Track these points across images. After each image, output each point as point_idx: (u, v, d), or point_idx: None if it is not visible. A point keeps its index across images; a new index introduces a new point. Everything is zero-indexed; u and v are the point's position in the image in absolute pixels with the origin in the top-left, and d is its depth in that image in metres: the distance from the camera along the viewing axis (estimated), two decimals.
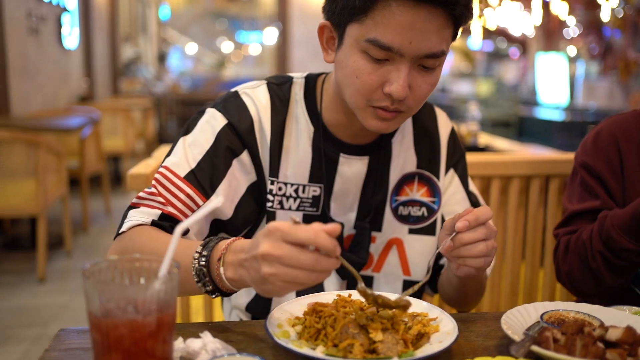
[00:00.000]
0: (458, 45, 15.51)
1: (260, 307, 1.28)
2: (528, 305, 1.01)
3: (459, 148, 1.39)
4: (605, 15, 8.63)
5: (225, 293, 0.96)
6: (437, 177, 1.33)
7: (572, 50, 14.90)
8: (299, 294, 1.15)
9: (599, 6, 8.51)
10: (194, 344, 0.88)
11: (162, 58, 13.53)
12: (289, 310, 1.01)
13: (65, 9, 6.76)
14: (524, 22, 10.58)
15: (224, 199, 1.17)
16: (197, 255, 0.94)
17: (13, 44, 5.25)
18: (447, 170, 1.35)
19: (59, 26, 6.62)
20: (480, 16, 9.56)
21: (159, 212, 1.11)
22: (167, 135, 9.45)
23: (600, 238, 1.28)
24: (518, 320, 0.97)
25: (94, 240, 4.92)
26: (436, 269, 1.35)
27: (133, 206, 1.15)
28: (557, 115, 12.72)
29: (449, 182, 1.35)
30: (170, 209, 1.12)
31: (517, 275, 1.94)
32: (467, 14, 1.07)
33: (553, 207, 1.90)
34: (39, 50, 5.97)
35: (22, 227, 5.06)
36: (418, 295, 1.34)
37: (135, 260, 0.80)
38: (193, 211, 1.14)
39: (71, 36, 7.01)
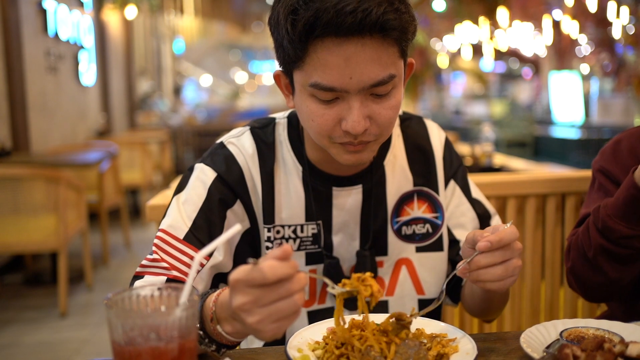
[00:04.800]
0: (470, 67, 15.54)
1: None
2: (547, 323, 1.01)
3: (455, 157, 1.37)
4: (616, 32, 8.64)
5: (233, 346, 0.97)
6: (437, 191, 1.32)
7: (585, 68, 14.88)
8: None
9: (609, 24, 8.52)
10: None
11: (177, 91, 13.72)
12: (308, 336, 1.01)
13: (82, 47, 6.92)
14: (535, 42, 10.62)
15: (224, 253, 1.18)
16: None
17: (33, 83, 5.38)
18: (447, 183, 1.34)
19: (77, 64, 6.77)
20: (491, 38, 9.61)
21: (164, 277, 1.11)
22: (184, 166, 9.54)
23: (597, 230, 1.27)
24: (537, 338, 0.97)
25: (114, 273, 4.95)
26: (456, 280, 1.34)
27: (137, 275, 1.14)
28: (572, 134, 12.67)
29: (451, 194, 1.34)
30: (175, 273, 1.12)
31: (537, 295, 1.92)
32: (404, 29, 1.02)
33: (570, 225, 1.89)
34: (57, 88, 6.11)
35: (43, 263, 5.11)
36: (437, 313, 1.34)
37: (156, 289, 0.81)
38: (198, 272, 1.14)
39: (88, 73, 7.16)
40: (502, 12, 8.03)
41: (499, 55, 12.83)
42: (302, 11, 0.98)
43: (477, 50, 10.72)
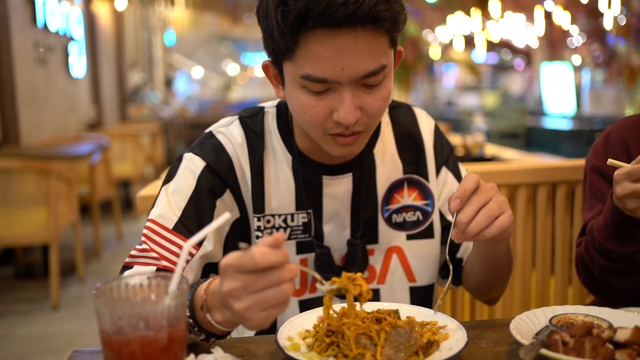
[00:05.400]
0: (462, 58, 15.55)
1: None
2: (537, 310, 1.01)
3: (446, 144, 1.38)
4: (608, 23, 8.65)
5: (222, 336, 0.96)
6: (427, 179, 1.32)
7: (576, 59, 14.91)
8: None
9: (601, 14, 8.53)
10: (205, 359, 0.89)
11: (168, 83, 13.66)
12: (299, 324, 1.01)
13: (72, 39, 6.87)
14: (527, 33, 10.63)
15: (214, 242, 1.17)
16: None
17: (22, 75, 5.34)
18: (438, 170, 1.34)
19: (66, 55, 6.72)
20: (483, 29, 9.62)
21: (154, 268, 1.11)
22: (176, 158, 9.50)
23: (596, 252, 1.29)
24: (527, 325, 0.97)
25: (106, 265, 4.94)
26: (456, 262, 1.34)
27: (126, 266, 1.13)
28: (564, 124, 12.71)
29: (443, 181, 1.35)
30: (164, 262, 1.12)
31: (528, 284, 1.93)
32: (395, 19, 1.02)
33: (561, 214, 1.90)
34: (47, 80, 6.06)
35: (34, 256, 5.09)
36: (428, 301, 1.34)
37: (145, 278, 0.81)
38: (187, 262, 1.14)
39: (78, 65, 7.11)
40: (494, 3, 8.04)
41: (491, 46, 12.84)
42: (293, 2, 0.98)
43: (469, 41, 10.72)
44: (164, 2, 9.51)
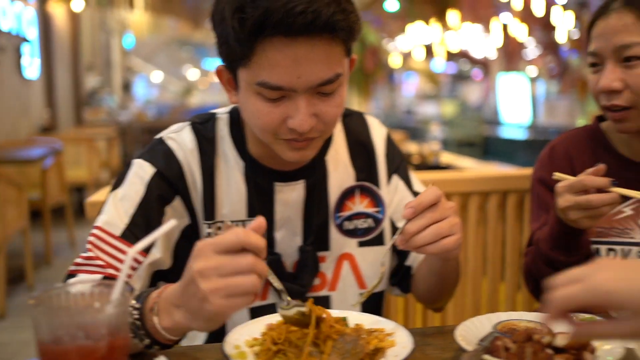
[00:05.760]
0: (422, 67, 15.77)
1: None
2: (482, 317, 1.03)
3: (397, 152, 1.39)
4: (561, 37, 8.91)
5: (165, 345, 0.94)
6: (378, 186, 1.33)
7: (532, 71, 15.30)
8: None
9: (555, 28, 8.78)
10: None
11: (127, 86, 13.46)
12: (247, 332, 1.00)
13: (25, 39, 6.70)
14: (485, 44, 10.85)
15: (162, 250, 1.16)
16: (130, 308, 0.92)
17: None
18: (389, 178, 1.36)
19: (19, 56, 6.54)
20: (442, 39, 9.78)
21: (100, 276, 1.08)
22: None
23: (543, 263, 1.32)
24: (472, 331, 0.98)
25: (57, 273, 4.81)
26: (405, 270, 1.36)
27: (71, 274, 1.10)
28: (520, 134, 13.02)
29: (394, 189, 1.36)
30: (111, 271, 1.09)
31: (479, 290, 1.96)
32: (351, 29, 1.03)
33: (511, 222, 1.94)
34: None
35: None
36: (378, 307, 1.35)
37: (87, 286, 0.79)
38: (135, 269, 1.12)
39: (32, 66, 6.94)
40: (452, 14, 8.19)
41: (450, 56, 13.06)
42: (250, 9, 0.97)
43: (429, 50, 10.89)
44: (122, 5, 9.37)
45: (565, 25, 8.26)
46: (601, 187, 1.14)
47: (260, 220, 0.84)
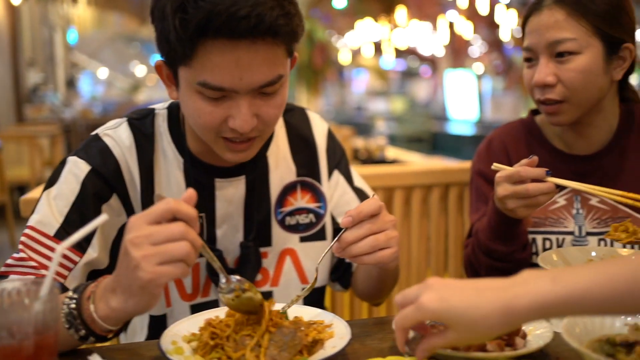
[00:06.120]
0: (372, 64, 15.90)
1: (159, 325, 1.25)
2: None
3: (338, 148, 1.40)
4: (505, 35, 9.14)
5: (100, 337, 0.93)
6: (319, 181, 1.34)
7: (479, 68, 15.63)
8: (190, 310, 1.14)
9: (499, 26, 8.99)
10: None
11: (71, 83, 13.09)
12: (185, 328, 0.99)
13: None
14: (432, 41, 11.02)
15: (99, 249, 1.14)
16: (67, 299, 0.91)
17: None
18: (330, 173, 1.37)
19: None
20: (390, 36, 9.88)
21: (33, 277, 1.06)
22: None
23: (482, 252, 1.36)
24: None
25: None
26: (346, 267, 1.37)
27: (1, 276, 1.07)
28: (468, 130, 13.28)
29: (335, 184, 1.37)
30: (44, 272, 1.06)
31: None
32: (293, 32, 1.04)
33: (453, 215, 1.98)
34: None
35: None
36: (319, 299, 1.36)
37: (14, 284, 0.76)
38: (70, 270, 1.09)
39: None
40: (400, 11, 8.28)
41: (399, 53, 13.21)
42: (192, 10, 0.96)
43: (378, 47, 10.98)
44: None
45: (508, 23, 8.47)
46: (537, 177, 1.18)
47: (190, 192, 0.86)
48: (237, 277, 0.96)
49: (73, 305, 0.90)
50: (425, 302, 0.77)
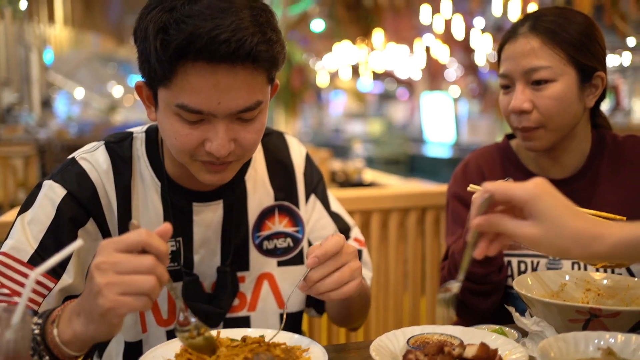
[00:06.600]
0: (349, 86, 16.03)
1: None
2: (397, 331, 1.04)
3: (315, 172, 1.41)
4: (480, 59, 9.29)
5: None
6: (297, 205, 1.34)
7: (455, 91, 15.85)
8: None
9: (474, 50, 9.14)
10: None
11: (47, 103, 12.97)
12: (160, 354, 0.98)
13: None
14: (409, 64, 11.14)
15: (74, 274, 1.12)
16: (33, 325, 0.89)
17: None
18: (307, 197, 1.37)
19: None
20: (367, 59, 9.97)
21: (4, 305, 1.03)
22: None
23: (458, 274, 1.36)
24: (387, 346, 1.00)
25: None
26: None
27: None
28: (444, 152, 13.42)
29: (311, 209, 1.37)
30: (17, 299, 1.05)
31: (400, 305, 2.00)
32: (274, 59, 1.04)
33: (430, 237, 1.99)
34: None
35: None
36: (296, 324, 1.35)
37: None
38: (44, 296, 1.08)
39: None
40: (377, 35, 8.38)
41: (377, 75, 13.34)
42: (174, 32, 0.96)
43: (356, 70, 11.08)
44: (41, 19, 9.04)
45: (483, 48, 8.62)
46: None
47: (166, 226, 0.85)
48: (195, 319, 0.94)
49: (37, 331, 0.89)
50: (526, 183, 0.84)
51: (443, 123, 15.77)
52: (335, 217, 1.40)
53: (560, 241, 0.82)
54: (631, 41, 5.60)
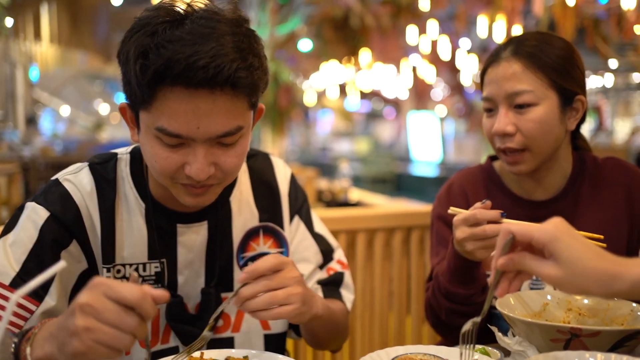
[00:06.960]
0: (337, 105, 16.11)
1: None
2: (381, 351, 1.04)
3: (300, 193, 1.41)
4: (465, 79, 9.39)
5: None
6: (282, 226, 1.34)
7: (441, 110, 15.99)
8: None
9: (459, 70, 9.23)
10: None
11: (31, 120, 12.89)
12: None
13: None
14: (396, 84, 11.23)
15: (57, 297, 1.11)
16: (11, 348, 0.89)
17: None
18: (291, 218, 1.37)
19: None
20: (354, 78, 10.04)
21: None
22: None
23: (442, 296, 1.37)
24: None
25: None
26: None
27: None
28: (431, 171, 13.50)
29: (295, 230, 1.37)
30: None
31: (386, 324, 2.00)
32: (255, 85, 1.04)
33: (415, 257, 2.00)
34: None
35: None
36: (280, 346, 1.34)
37: None
38: (26, 319, 1.07)
39: None
40: (364, 55, 8.45)
41: (364, 95, 13.42)
42: (153, 56, 0.97)
43: (343, 89, 11.14)
44: (25, 36, 9.02)
45: (469, 68, 8.72)
46: (492, 219, 1.21)
47: (164, 294, 0.82)
48: None
49: (12, 350, 0.88)
50: (545, 224, 0.87)
51: (429, 142, 15.88)
52: (319, 239, 1.40)
53: (582, 281, 0.84)
54: (613, 63, 5.70)
